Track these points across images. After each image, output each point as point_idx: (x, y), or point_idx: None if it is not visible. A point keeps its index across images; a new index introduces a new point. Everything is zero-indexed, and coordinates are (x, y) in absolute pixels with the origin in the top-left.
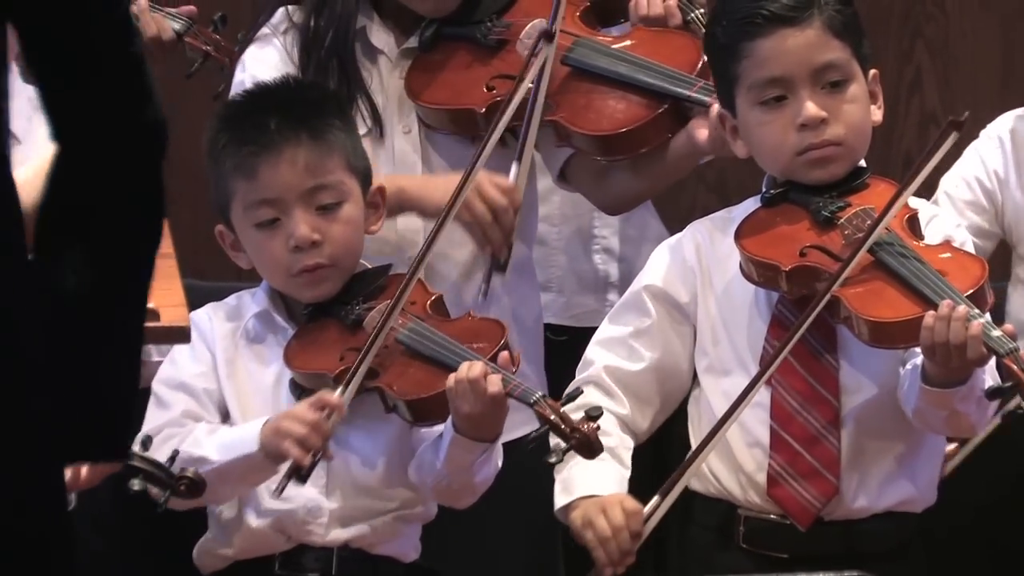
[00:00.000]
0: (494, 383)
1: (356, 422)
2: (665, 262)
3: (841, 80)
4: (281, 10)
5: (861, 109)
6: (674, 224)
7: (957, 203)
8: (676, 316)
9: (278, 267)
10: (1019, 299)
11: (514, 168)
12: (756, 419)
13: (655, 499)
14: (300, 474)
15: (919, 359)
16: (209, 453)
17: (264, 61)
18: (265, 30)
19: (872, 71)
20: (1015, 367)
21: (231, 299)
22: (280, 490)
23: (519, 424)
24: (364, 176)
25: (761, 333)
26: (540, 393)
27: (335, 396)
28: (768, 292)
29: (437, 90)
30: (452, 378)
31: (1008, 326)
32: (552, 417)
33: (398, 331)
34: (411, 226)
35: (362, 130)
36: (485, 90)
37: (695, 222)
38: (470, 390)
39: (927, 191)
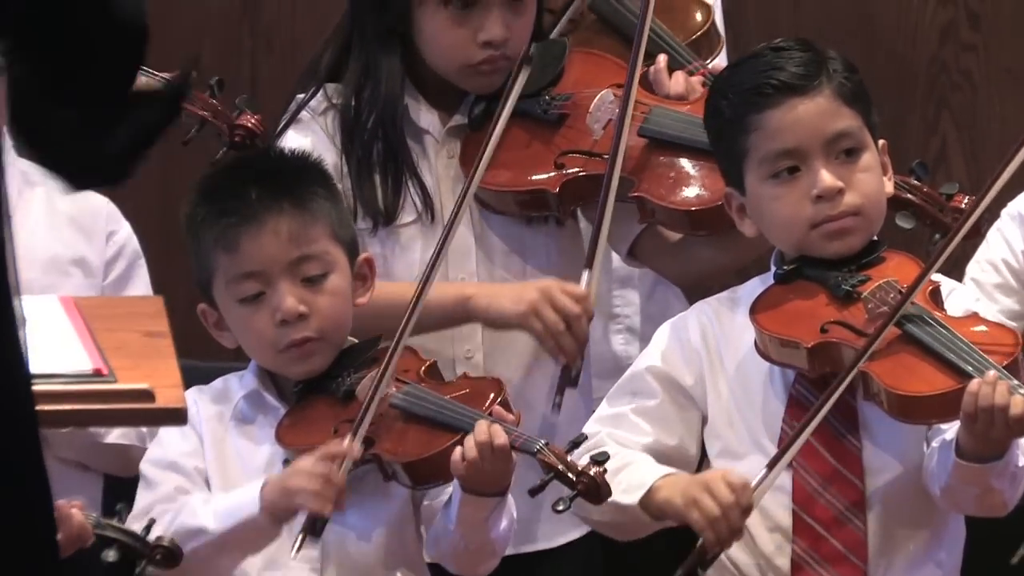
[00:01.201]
0: (499, 434)
1: (353, 499)
2: (668, 344)
3: (854, 148)
4: (320, 91)
5: (876, 178)
6: (695, 302)
7: (986, 288)
8: (680, 400)
9: (265, 343)
10: None
11: (585, 275)
12: (777, 503)
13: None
14: (316, 528)
15: (947, 435)
16: (206, 523)
17: (307, 146)
18: (305, 114)
19: (881, 141)
20: None
21: (217, 383)
22: (298, 548)
23: (566, 528)
24: (351, 246)
25: (778, 414)
26: (543, 442)
27: (343, 444)
28: (784, 371)
29: (499, 171)
30: (465, 444)
31: None
32: (558, 465)
33: (392, 396)
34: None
35: (411, 216)
36: (555, 168)
37: (699, 303)
38: (489, 455)
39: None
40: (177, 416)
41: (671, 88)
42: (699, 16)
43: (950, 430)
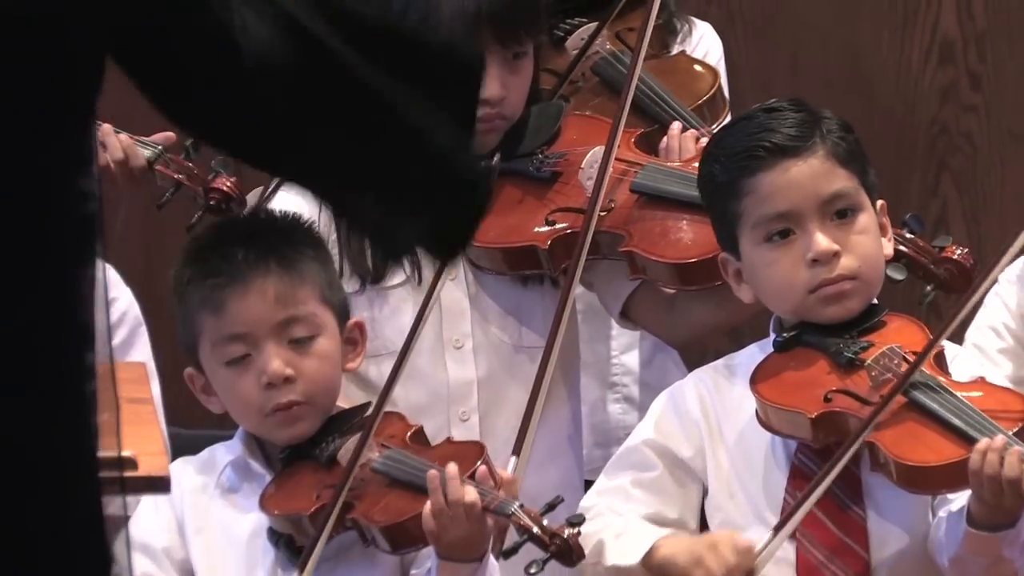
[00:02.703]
0: (469, 492)
1: (340, 572)
2: (666, 415)
3: (850, 210)
4: None
5: (873, 240)
6: (693, 370)
7: (989, 353)
8: (678, 474)
9: (251, 407)
10: None
11: (512, 461)
12: (781, 575)
13: None
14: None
15: (955, 505)
16: None
17: (299, 205)
18: None
19: (880, 202)
20: None
21: (204, 453)
22: None
23: None
24: (341, 310)
25: (780, 485)
26: (518, 503)
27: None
28: (785, 441)
29: (491, 229)
30: (436, 499)
31: None
32: (531, 527)
33: (373, 461)
34: (465, 377)
35: (400, 278)
36: (545, 224)
37: (696, 371)
38: (461, 515)
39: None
40: (160, 484)
41: (682, 154)
42: (706, 80)
43: (958, 499)
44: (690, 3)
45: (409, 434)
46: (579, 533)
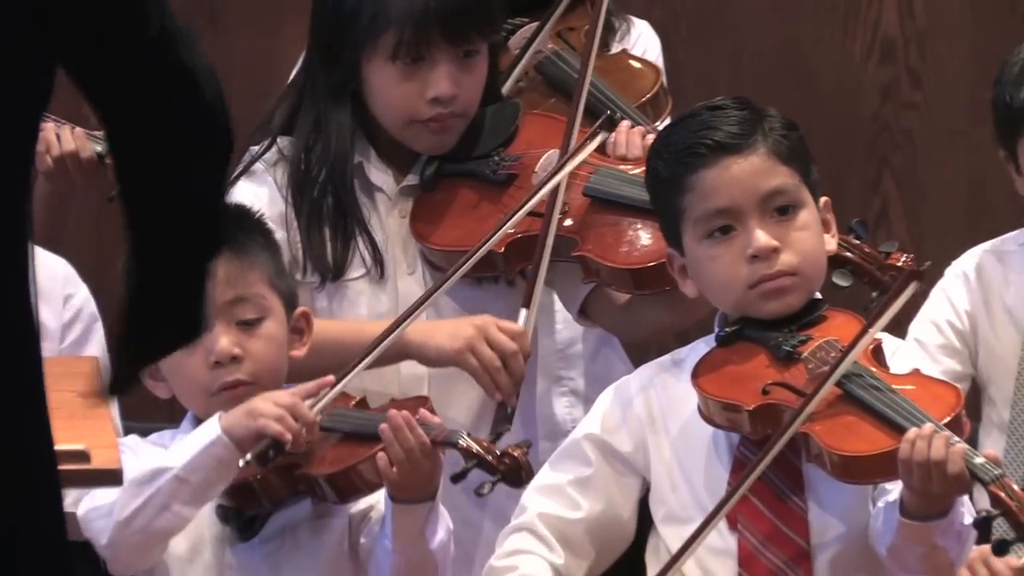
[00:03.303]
0: (416, 431)
1: (288, 551)
2: (609, 409)
3: (790, 207)
4: (273, 144)
5: (813, 236)
6: (639, 365)
7: (929, 348)
8: (618, 467)
9: (198, 387)
10: (991, 443)
11: (523, 313)
12: (724, 567)
13: None
14: (267, 457)
15: (892, 495)
16: (167, 461)
17: (259, 197)
18: (259, 165)
19: (824, 199)
20: (1002, 494)
21: (153, 436)
22: (257, 459)
23: None
24: (288, 297)
25: (722, 477)
26: (465, 432)
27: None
28: (728, 434)
29: (447, 231)
30: (386, 439)
31: (991, 451)
32: (478, 450)
33: (320, 420)
34: (416, 372)
35: (360, 271)
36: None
37: (642, 367)
38: (410, 449)
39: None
40: (113, 477)
41: (628, 151)
42: (648, 78)
43: (894, 490)
44: (635, 3)
45: (353, 403)
46: (527, 452)
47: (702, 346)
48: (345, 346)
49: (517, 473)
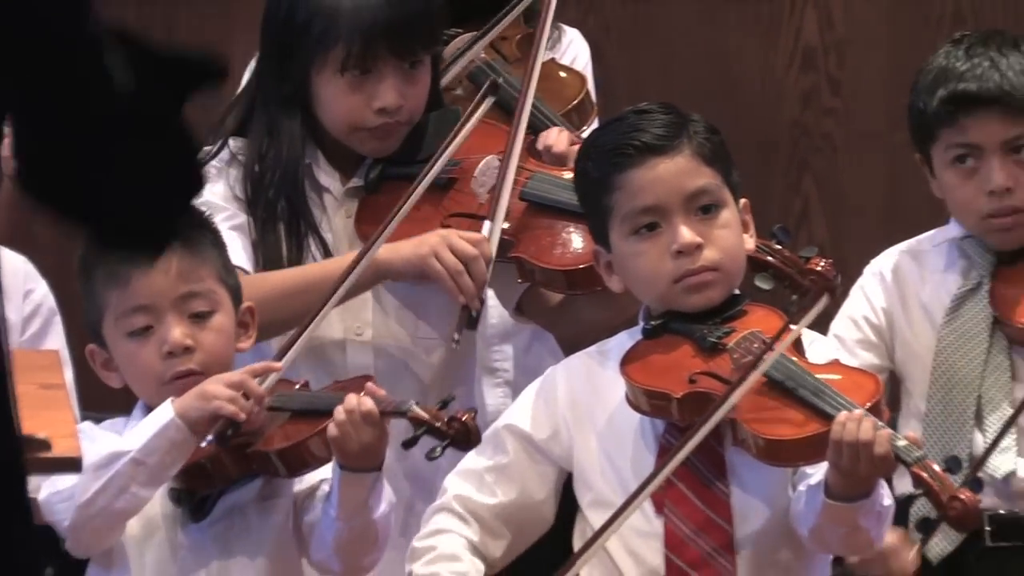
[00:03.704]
0: (366, 402)
1: (236, 530)
2: (531, 400)
3: (713, 206)
4: (225, 146)
5: (734, 234)
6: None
7: (848, 343)
8: (536, 457)
9: (150, 376)
10: (904, 431)
11: (487, 224)
12: (650, 549)
13: None
14: (226, 437)
15: (813, 479)
16: (122, 445)
17: (215, 194)
18: (216, 163)
19: (743, 200)
20: (924, 474)
21: (106, 423)
22: (217, 440)
23: None
24: (235, 292)
25: (649, 463)
26: (412, 401)
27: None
28: (654, 422)
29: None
30: (335, 415)
31: (911, 434)
32: (427, 418)
33: (269, 400)
34: (363, 363)
35: None
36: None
37: (568, 358)
38: (360, 421)
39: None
40: (73, 464)
41: (556, 145)
42: (573, 86)
43: (816, 473)
44: (568, 14)
45: (298, 386)
46: (475, 417)
47: (627, 338)
48: (312, 285)
49: (466, 437)
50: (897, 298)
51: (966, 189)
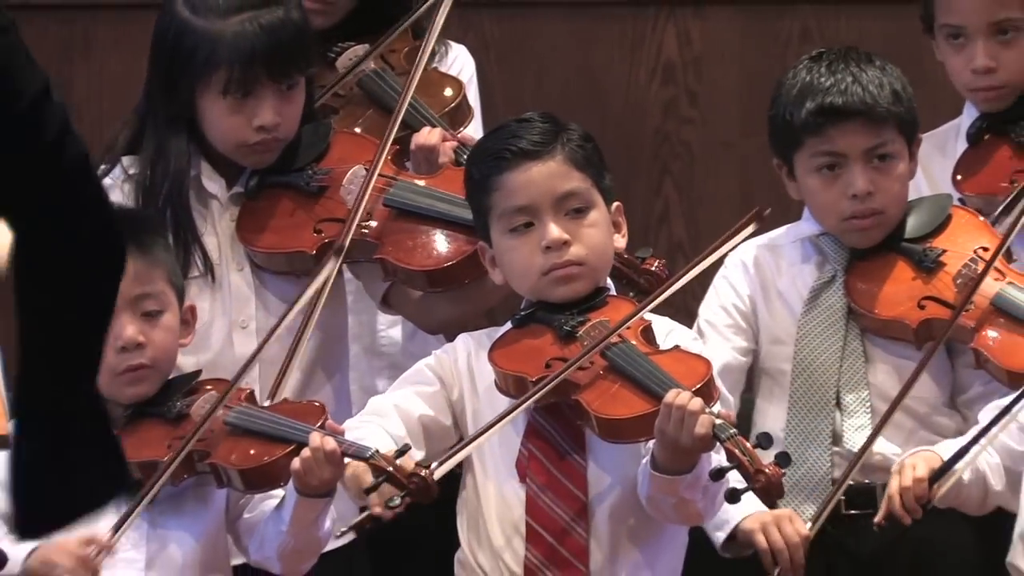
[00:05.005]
0: (329, 442)
1: (177, 511)
2: (443, 357)
3: (582, 207)
4: (119, 163)
5: (601, 233)
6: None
7: (719, 328)
8: (445, 402)
9: (105, 369)
10: (775, 414)
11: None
12: (514, 515)
13: None
14: None
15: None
16: None
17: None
18: (108, 180)
19: (616, 203)
20: (736, 450)
21: None
22: None
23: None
24: (180, 293)
25: (515, 439)
26: (374, 448)
27: (105, 536)
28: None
29: (268, 235)
30: (305, 452)
31: (724, 411)
32: (388, 468)
33: (226, 415)
34: (248, 352)
35: (195, 272)
36: (313, 233)
37: (465, 334)
38: (324, 460)
39: (667, 308)
40: (2, 442)
41: (427, 139)
42: (451, 91)
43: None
44: (450, 31)
45: (244, 395)
46: (433, 472)
47: (509, 326)
48: None
49: (426, 491)
50: (759, 285)
51: (829, 193)
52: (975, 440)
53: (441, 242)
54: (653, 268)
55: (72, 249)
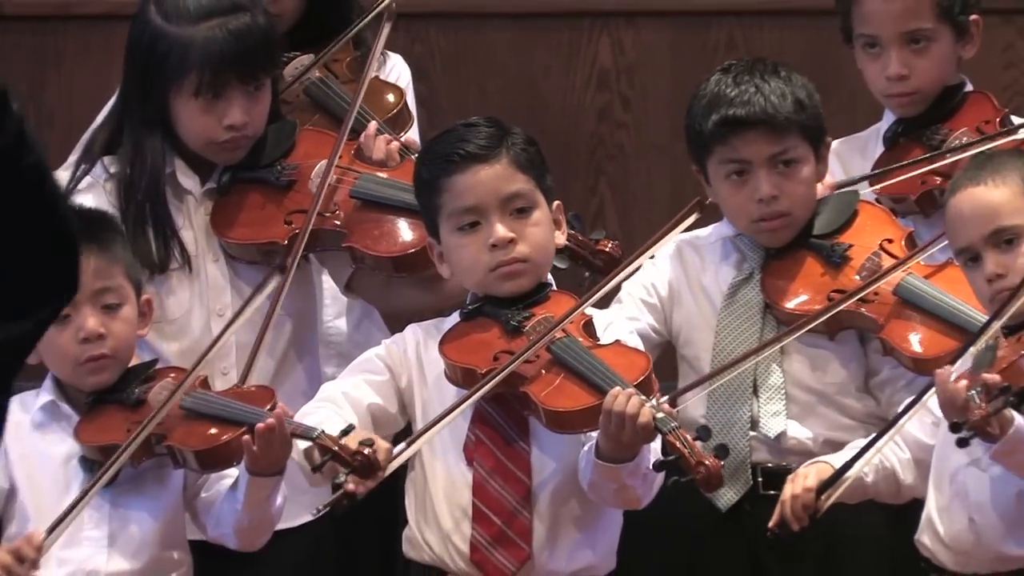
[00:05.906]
0: (278, 424)
1: (138, 489)
2: (391, 347)
3: (526, 207)
4: (99, 163)
5: (544, 231)
6: (394, 334)
7: (636, 301)
8: (393, 391)
9: (65, 358)
10: (696, 403)
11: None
12: (460, 494)
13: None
14: None
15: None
16: None
17: (96, 207)
18: (89, 179)
19: (556, 202)
20: (677, 442)
21: (17, 398)
22: None
23: (299, 511)
24: (138, 287)
25: (462, 428)
26: (319, 430)
27: (36, 543)
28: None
29: (240, 228)
30: (258, 429)
31: (666, 406)
32: (334, 447)
33: (183, 400)
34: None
35: (175, 264)
36: (284, 224)
37: (415, 324)
38: (273, 440)
39: (604, 304)
40: None
41: (375, 152)
42: (392, 97)
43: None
44: (398, 40)
45: (198, 382)
46: (375, 451)
47: (458, 318)
48: None
49: (370, 469)
50: (683, 276)
51: (738, 198)
52: (861, 453)
53: (405, 230)
54: (608, 248)
55: (25, 251)
